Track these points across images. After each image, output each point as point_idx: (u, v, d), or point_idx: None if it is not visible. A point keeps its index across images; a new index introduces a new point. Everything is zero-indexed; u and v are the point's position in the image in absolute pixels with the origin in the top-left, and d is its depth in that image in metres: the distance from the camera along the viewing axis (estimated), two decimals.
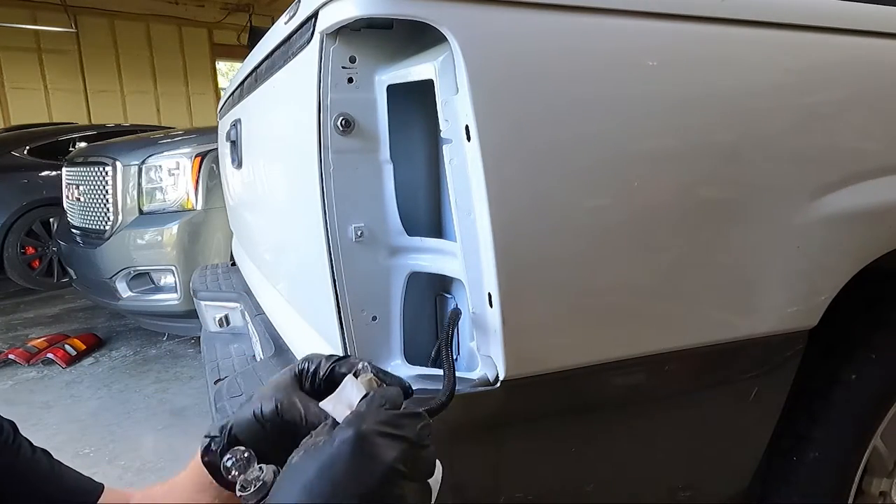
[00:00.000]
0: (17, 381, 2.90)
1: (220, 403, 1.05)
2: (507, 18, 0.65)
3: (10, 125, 8.58)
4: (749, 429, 0.94)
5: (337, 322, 0.74)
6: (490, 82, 0.64)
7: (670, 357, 0.79)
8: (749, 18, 0.77)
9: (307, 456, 0.46)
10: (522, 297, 0.68)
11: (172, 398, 2.63)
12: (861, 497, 1.09)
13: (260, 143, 1.16)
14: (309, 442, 0.48)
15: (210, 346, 1.62)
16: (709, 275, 0.79)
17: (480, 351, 0.71)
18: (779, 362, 0.88)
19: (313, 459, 0.45)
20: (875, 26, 0.86)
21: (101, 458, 2.13)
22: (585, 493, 0.84)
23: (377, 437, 0.45)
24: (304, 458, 0.46)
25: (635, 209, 0.72)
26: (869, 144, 0.87)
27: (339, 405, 0.52)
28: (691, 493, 0.93)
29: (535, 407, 0.75)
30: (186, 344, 3.26)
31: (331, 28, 0.68)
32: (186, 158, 2.81)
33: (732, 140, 0.76)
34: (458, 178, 0.67)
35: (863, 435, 1.03)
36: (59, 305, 4.28)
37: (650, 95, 0.72)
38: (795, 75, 0.81)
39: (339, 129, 0.69)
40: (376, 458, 0.44)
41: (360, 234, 0.72)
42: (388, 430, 0.46)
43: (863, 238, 0.88)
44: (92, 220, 3.06)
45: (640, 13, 0.71)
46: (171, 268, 2.79)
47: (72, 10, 10.03)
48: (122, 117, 10.61)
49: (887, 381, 1.01)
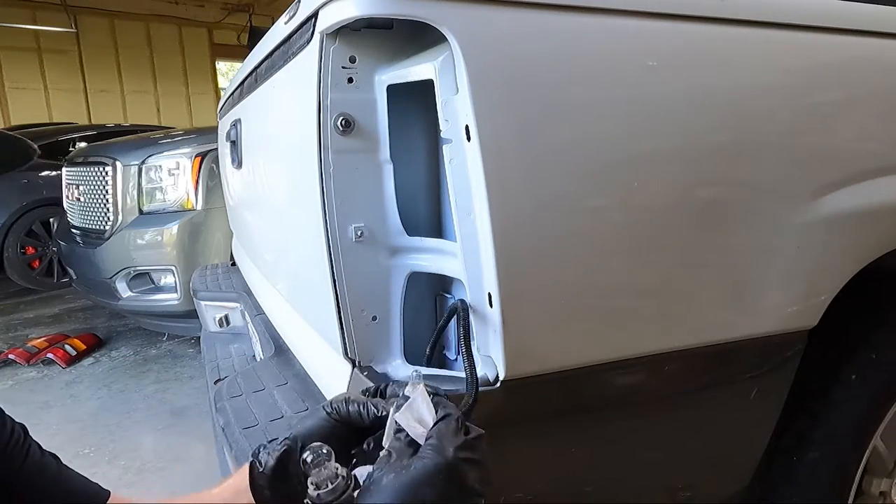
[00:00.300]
0: (17, 381, 2.90)
1: (220, 403, 1.05)
2: (507, 18, 0.65)
3: (10, 125, 8.59)
4: (749, 429, 0.94)
5: (337, 322, 0.74)
6: (490, 82, 0.64)
7: (670, 357, 0.79)
8: (749, 18, 0.77)
9: (397, 477, 0.49)
10: (522, 297, 0.68)
11: (172, 398, 2.63)
12: (861, 497, 1.09)
13: (260, 143, 1.16)
14: (390, 460, 0.51)
15: (210, 346, 1.62)
16: (709, 275, 0.79)
17: (480, 351, 0.71)
18: (779, 362, 0.88)
19: (403, 481, 0.49)
20: (875, 26, 0.86)
21: (101, 458, 2.13)
22: (585, 492, 0.84)
23: (462, 463, 0.50)
24: (395, 479, 0.49)
25: (635, 209, 0.72)
26: (869, 144, 0.87)
27: (411, 420, 0.54)
28: (691, 493, 0.93)
29: (535, 407, 0.75)
30: (186, 344, 3.26)
31: (331, 28, 0.68)
32: (186, 158, 2.81)
33: (732, 140, 0.76)
34: (458, 178, 0.67)
35: (863, 435, 1.03)
36: (59, 305, 4.28)
37: (650, 95, 0.71)
38: (795, 75, 0.81)
39: (339, 129, 0.69)
40: (464, 484, 0.50)
41: (360, 234, 0.72)
42: (468, 455, 0.51)
43: (863, 238, 0.88)
44: (92, 220, 3.06)
45: (640, 13, 0.71)
46: (171, 268, 2.79)
47: (72, 10, 10.03)
48: (122, 117, 10.61)
49: (887, 380, 1.01)
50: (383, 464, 0.51)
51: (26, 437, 0.66)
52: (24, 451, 0.65)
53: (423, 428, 0.53)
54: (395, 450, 0.52)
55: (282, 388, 1.05)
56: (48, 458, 0.67)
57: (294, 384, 1.05)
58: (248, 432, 0.92)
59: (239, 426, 0.95)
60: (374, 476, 0.51)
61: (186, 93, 11.96)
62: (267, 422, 0.94)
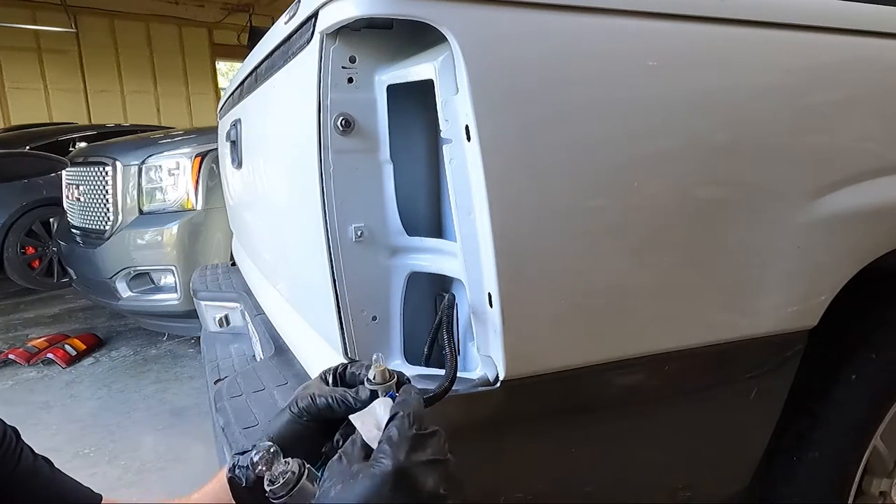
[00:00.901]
0: (17, 381, 2.90)
1: (220, 403, 1.05)
2: (507, 18, 0.65)
3: (10, 125, 8.58)
4: (749, 429, 0.94)
5: (337, 322, 0.74)
6: (490, 82, 0.64)
7: (670, 357, 0.79)
8: (749, 18, 0.77)
9: (345, 487, 0.47)
10: (522, 297, 0.68)
11: (172, 398, 2.63)
12: (861, 497, 1.09)
13: (260, 144, 1.16)
14: (341, 467, 0.49)
15: (210, 346, 1.62)
16: (709, 275, 0.79)
17: (480, 351, 0.71)
18: (779, 362, 0.88)
19: (353, 492, 0.46)
20: (875, 26, 0.86)
21: (101, 458, 2.13)
22: (585, 493, 0.84)
23: (416, 467, 0.46)
24: (343, 490, 0.47)
25: (635, 209, 0.72)
26: (869, 144, 0.87)
27: (367, 423, 0.53)
28: (691, 493, 0.93)
29: (534, 407, 0.75)
30: (186, 344, 3.26)
31: (331, 28, 0.68)
32: (186, 158, 2.81)
33: (732, 140, 0.76)
34: (458, 178, 0.67)
35: (863, 435, 1.02)
36: (59, 305, 4.28)
37: (650, 95, 0.71)
38: (795, 75, 0.81)
39: (339, 129, 0.69)
40: (419, 489, 0.46)
41: (360, 235, 0.72)
42: (422, 457, 0.47)
43: (863, 238, 0.88)
44: (92, 220, 3.06)
45: (640, 13, 0.71)
46: (171, 268, 2.79)
47: (72, 10, 10.02)
48: (122, 117, 10.61)
49: (887, 381, 1.01)
50: (334, 471, 0.49)
51: (18, 440, 0.66)
52: (16, 454, 0.65)
53: (377, 431, 0.51)
54: (346, 455, 0.50)
55: (282, 388, 1.05)
56: (41, 461, 0.67)
57: (294, 384, 1.05)
58: (248, 432, 0.92)
59: (239, 426, 0.95)
60: (323, 487, 0.48)
61: (186, 93, 11.96)
62: (267, 422, 0.94)
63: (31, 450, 0.67)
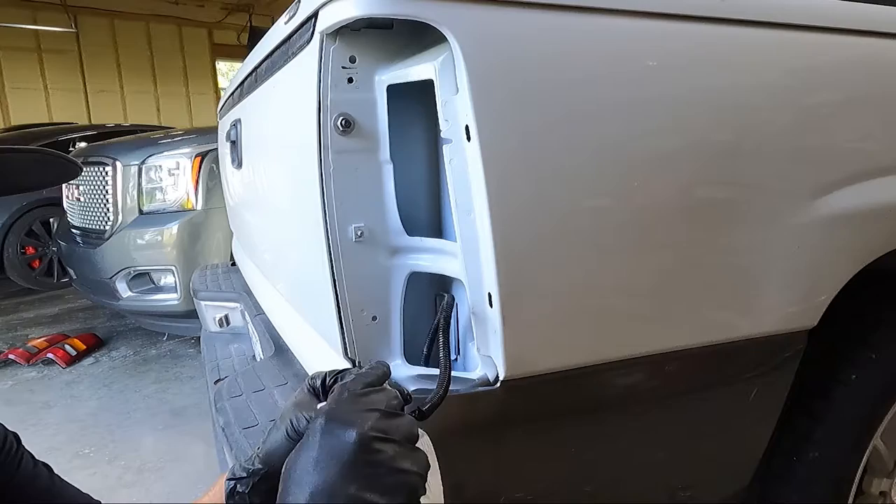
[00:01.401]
0: (17, 381, 2.90)
1: (220, 403, 1.05)
2: (507, 18, 0.65)
3: (10, 125, 8.59)
4: (749, 429, 0.94)
5: (337, 322, 0.74)
6: (490, 82, 0.64)
7: (670, 357, 0.79)
8: (749, 18, 0.77)
9: (295, 453, 0.48)
10: (522, 297, 0.68)
11: (172, 398, 2.63)
12: (861, 497, 1.09)
13: (260, 144, 1.16)
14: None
15: (210, 346, 1.62)
16: (709, 275, 0.79)
17: (480, 351, 0.71)
18: (779, 362, 0.88)
19: (298, 452, 0.47)
20: (875, 26, 0.86)
21: (101, 458, 2.13)
22: (585, 493, 0.84)
23: (347, 414, 0.47)
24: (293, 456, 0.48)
25: (635, 209, 0.72)
26: (869, 144, 0.87)
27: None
28: (691, 493, 0.93)
29: (534, 407, 0.75)
30: (186, 344, 3.26)
31: (331, 28, 0.67)
32: (186, 158, 2.81)
33: (732, 140, 0.76)
34: (458, 178, 0.67)
35: (863, 435, 1.02)
36: (59, 305, 4.28)
37: (650, 95, 0.71)
38: (795, 75, 0.81)
39: (339, 129, 0.69)
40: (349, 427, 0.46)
41: (360, 235, 0.72)
42: (357, 406, 0.48)
43: (863, 238, 0.88)
44: (92, 220, 3.07)
45: (640, 13, 0.71)
46: (171, 268, 2.79)
47: (72, 10, 10.03)
48: (122, 117, 10.61)
49: (887, 381, 1.01)
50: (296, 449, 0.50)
51: (19, 446, 0.66)
52: (16, 460, 0.65)
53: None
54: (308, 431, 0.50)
55: (282, 388, 1.05)
56: (41, 468, 0.67)
57: (294, 384, 1.05)
58: (248, 432, 0.92)
59: (239, 426, 0.95)
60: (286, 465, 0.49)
61: (186, 93, 11.97)
62: (267, 422, 0.94)
63: (31, 456, 0.67)
